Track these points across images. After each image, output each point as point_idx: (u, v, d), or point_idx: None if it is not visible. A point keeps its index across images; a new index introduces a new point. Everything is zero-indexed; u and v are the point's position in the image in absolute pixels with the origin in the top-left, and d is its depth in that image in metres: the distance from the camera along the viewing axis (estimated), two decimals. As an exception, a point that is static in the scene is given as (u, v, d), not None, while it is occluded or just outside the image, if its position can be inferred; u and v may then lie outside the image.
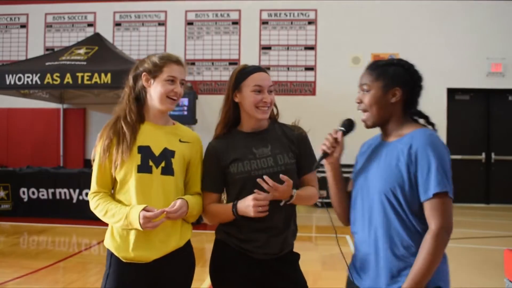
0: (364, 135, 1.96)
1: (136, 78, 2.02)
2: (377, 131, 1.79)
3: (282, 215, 1.96)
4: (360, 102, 1.72)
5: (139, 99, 2.02)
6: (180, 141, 2.03)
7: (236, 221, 1.95)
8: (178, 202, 1.89)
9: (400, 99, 1.67)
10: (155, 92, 1.97)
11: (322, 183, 1.95)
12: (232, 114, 2.04)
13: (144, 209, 1.84)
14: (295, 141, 2.06)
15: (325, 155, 1.76)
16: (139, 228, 1.85)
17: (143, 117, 2.02)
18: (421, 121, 1.73)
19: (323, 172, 1.88)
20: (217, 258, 2.05)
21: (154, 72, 1.97)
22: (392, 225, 1.58)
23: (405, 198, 1.56)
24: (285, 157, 2.00)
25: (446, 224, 1.52)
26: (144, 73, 1.98)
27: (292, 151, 2.03)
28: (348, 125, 1.80)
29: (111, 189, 2.03)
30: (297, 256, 2.08)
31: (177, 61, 2.00)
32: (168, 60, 1.98)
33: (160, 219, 1.85)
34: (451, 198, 1.54)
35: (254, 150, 1.99)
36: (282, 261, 2.00)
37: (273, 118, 2.12)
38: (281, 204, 1.92)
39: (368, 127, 1.73)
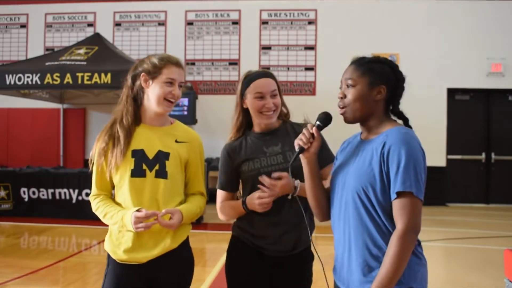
0: (346, 131, 1.93)
1: (135, 78, 2.01)
2: (357, 127, 1.75)
3: (292, 209, 1.98)
4: (344, 97, 1.68)
5: (136, 100, 2.02)
6: (176, 141, 2.02)
7: (248, 216, 2.02)
8: (175, 217, 1.89)
9: (384, 97, 1.65)
10: (153, 93, 1.97)
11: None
12: (243, 119, 2.13)
13: (136, 210, 1.86)
14: None
15: (301, 150, 1.72)
16: (133, 230, 1.86)
17: (139, 119, 2.02)
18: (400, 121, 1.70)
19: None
20: (232, 255, 2.11)
21: (153, 73, 1.97)
22: (365, 224, 1.56)
23: (376, 198, 1.54)
24: (294, 153, 2.02)
25: (412, 225, 1.48)
26: (143, 74, 1.98)
27: None
28: (325, 119, 1.74)
29: (111, 191, 2.04)
30: (311, 255, 2.10)
31: (176, 63, 2.00)
32: (168, 62, 1.98)
33: (151, 221, 1.86)
34: (420, 199, 1.50)
35: (265, 149, 2.06)
36: (295, 259, 2.04)
37: (284, 118, 2.17)
38: (289, 197, 1.96)
39: (348, 122, 1.69)
